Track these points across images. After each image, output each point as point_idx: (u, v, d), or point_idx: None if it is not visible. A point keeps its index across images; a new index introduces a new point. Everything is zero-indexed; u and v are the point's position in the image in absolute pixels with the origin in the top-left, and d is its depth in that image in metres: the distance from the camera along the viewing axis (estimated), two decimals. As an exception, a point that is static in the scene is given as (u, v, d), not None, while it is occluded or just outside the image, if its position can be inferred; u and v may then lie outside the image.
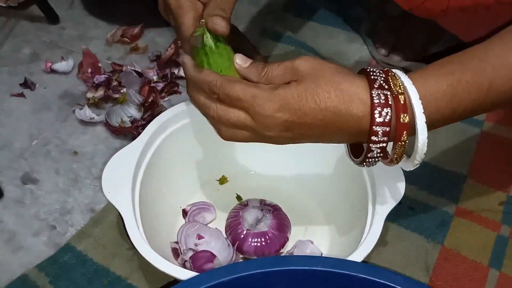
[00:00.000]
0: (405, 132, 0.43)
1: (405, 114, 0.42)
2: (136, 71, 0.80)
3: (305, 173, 0.68)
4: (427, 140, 0.43)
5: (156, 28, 0.94)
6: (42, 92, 0.83)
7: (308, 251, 0.59)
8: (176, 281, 0.48)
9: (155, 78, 0.83)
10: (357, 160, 0.47)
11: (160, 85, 0.82)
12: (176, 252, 0.60)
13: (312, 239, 0.61)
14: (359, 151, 0.48)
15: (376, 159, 0.45)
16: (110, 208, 0.66)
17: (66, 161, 0.73)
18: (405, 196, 0.58)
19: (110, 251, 0.62)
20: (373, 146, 0.44)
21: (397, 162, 0.46)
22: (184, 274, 0.48)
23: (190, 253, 0.59)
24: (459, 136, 0.76)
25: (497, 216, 0.66)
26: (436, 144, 0.75)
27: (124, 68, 0.83)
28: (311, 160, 0.67)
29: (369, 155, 0.45)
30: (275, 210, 0.63)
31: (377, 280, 0.45)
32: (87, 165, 0.73)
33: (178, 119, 0.64)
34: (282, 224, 0.61)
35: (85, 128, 0.77)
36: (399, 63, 0.85)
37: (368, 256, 0.52)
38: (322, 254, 0.60)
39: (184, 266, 0.58)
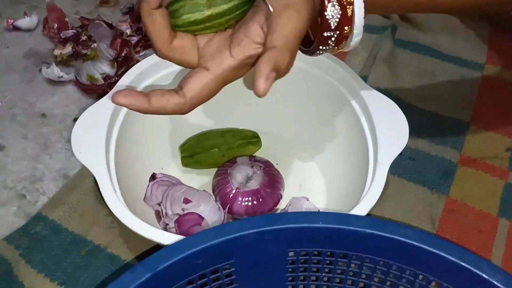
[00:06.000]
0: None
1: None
2: (106, 23, 0.73)
3: (296, 126, 0.63)
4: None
5: (128, -21, 0.87)
6: (4, 52, 0.76)
7: (304, 208, 0.54)
8: (159, 246, 0.43)
9: (128, 31, 0.76)
10: (307, 49, 0.43)
11: (134, 39, 0.75)
12: (159, 215, 0.54)
13: (308, 195, 0.56)
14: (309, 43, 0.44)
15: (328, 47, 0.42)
16: (85, 172, 0.60)
17: (34, 125, 0.66)
18: (405, 147, 0.53)
19: (87, 219, 0.57)
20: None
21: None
22: (168, 238, 0.43)
23: (176, 218, 0.54)
24: (459, 81, 0.72)
25: (504, 163, 0.62)
26: (435, 90, 0.70)
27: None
28: (302, 112, 0.61)
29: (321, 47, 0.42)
30: (266, 166, 0.57)
31: (385, 235, 0.40)
32: (57, 128, 0.66)
33: (155, 71, 0.57)
34: (274, 181, 0.56)
35: (54, 89, 0.71)
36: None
37: (369, 211, 0.47)
38: (319, 211, 0.55)
39: (165, 230, 0.53)
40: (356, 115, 0.54)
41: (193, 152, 0.59)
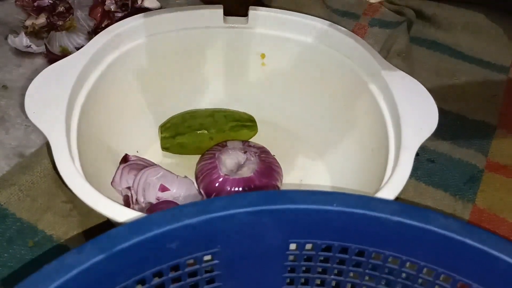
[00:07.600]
0: None
1: None
2: (87, -10, 0.64)
3: (298, 114, 0.54)
4: None
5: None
6: (-30, 20, 0.67)
7: (306, 204, 0.44)
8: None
9: (112, 7, 0.67)
10: None
11: (119, 15, 0.66)
12: (128, 201, 0.44)
13: (310, 192, 0.47)
14: None
15: None
16: (43, 152, 0.50)
17: (-8, 97, 0.57)
18: (423, 147, 0.45)
19: (40, 205, 0.46)
20: None
21: None
22: (135, 216, 0.33)
23: (148, 207, 0.44)
24: (481, 82, 0.64)
25: (539, 171, 0.53)
26: (456, 90, 0.62)
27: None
28: (306, 97, 0.52)
29: None
30: (262, 153, 0.48)
31: (420, 225, 0.30)
32: (19, 101, 0.57)
33: (139, 34, 0.48)
34: (270, 169, 0.47)
35: (20, 60, 0.61)
36: None
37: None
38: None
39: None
40: (373, 96, 0.45)
41: (176, 132, 0.49)
